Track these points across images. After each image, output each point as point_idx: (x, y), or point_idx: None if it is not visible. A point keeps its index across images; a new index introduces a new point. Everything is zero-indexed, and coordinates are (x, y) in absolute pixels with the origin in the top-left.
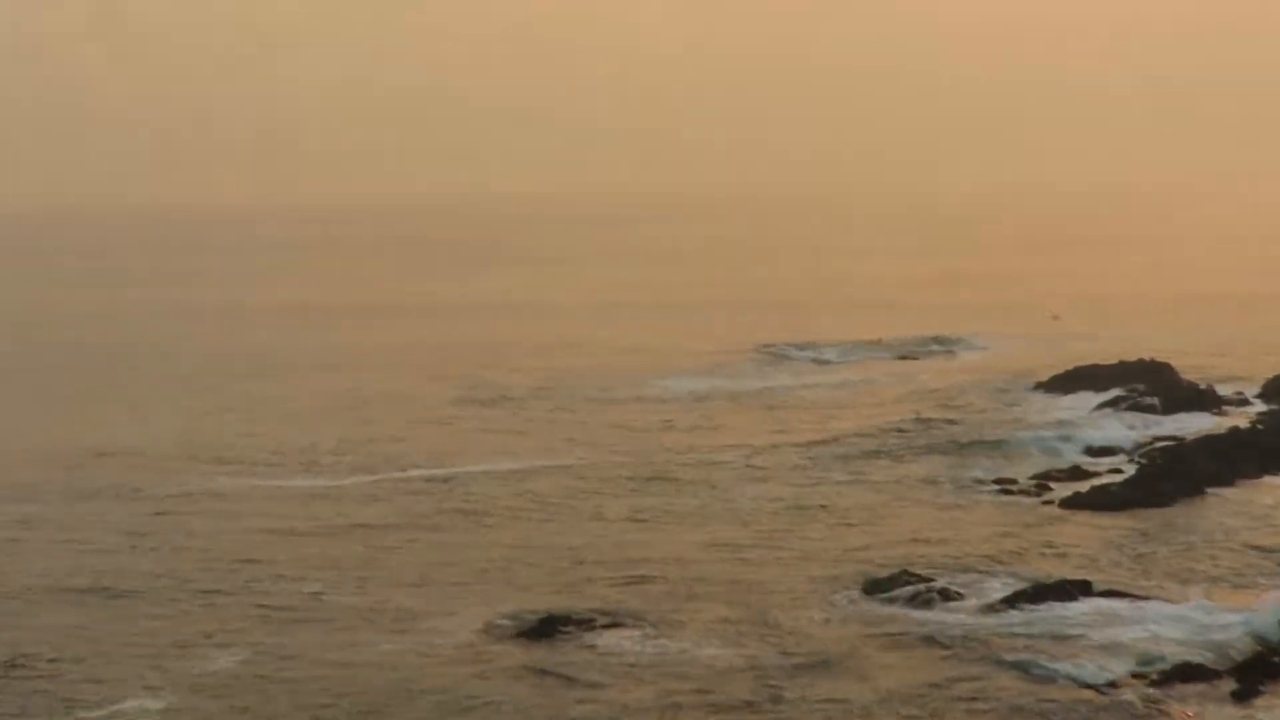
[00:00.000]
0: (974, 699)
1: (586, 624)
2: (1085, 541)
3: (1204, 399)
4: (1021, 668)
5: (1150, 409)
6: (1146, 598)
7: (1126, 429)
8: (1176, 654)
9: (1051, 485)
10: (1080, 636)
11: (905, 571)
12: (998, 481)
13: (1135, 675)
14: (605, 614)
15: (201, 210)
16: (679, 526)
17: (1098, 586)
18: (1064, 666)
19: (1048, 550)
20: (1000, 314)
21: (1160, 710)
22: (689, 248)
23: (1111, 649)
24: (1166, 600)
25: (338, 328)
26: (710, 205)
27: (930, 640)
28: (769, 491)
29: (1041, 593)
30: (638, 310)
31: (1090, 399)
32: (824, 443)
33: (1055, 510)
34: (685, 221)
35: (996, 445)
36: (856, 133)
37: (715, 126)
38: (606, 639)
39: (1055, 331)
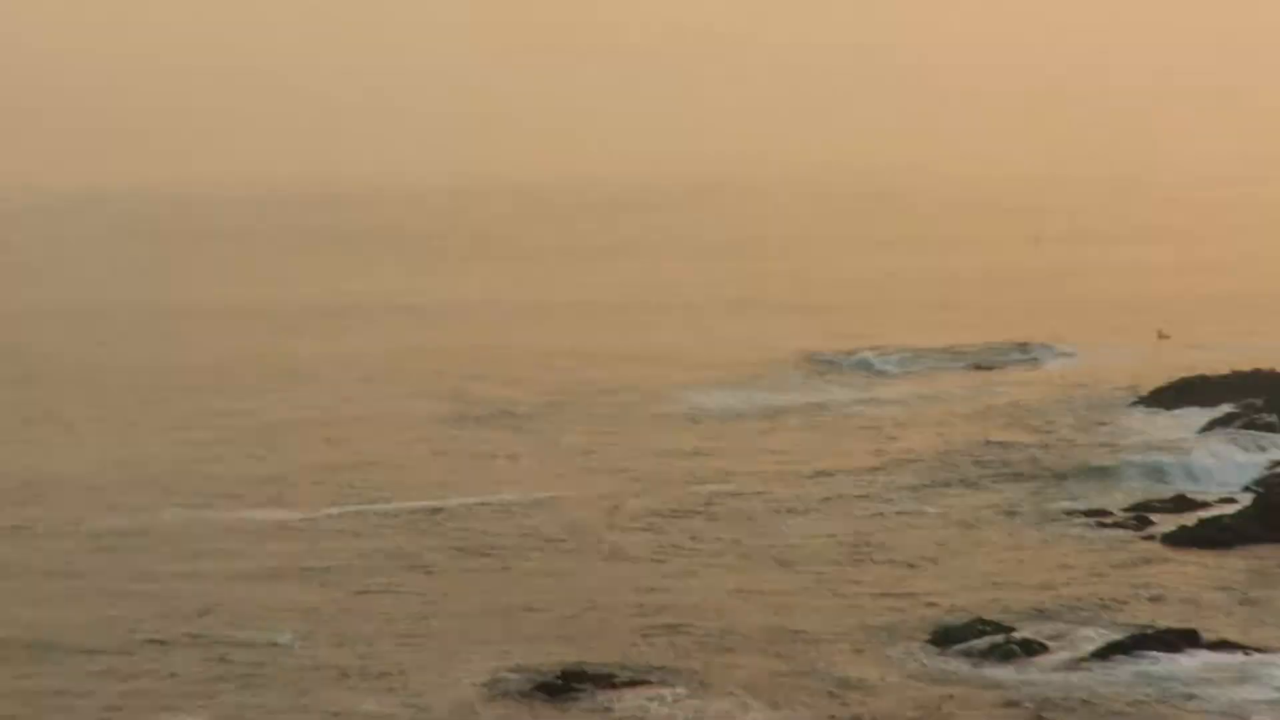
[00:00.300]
0: None
1: (605, 681)
2: (1191, 584)
3: None
4: None
5: (1269, 427)
6: (1264, 650)
7: (1241, 451)
8: None
9: (1152, 518)
10: (1189, 698)
11: (979, 619)
12: (1089, 513)
13: None
14: (627, 669)
15: (102, 192)
16: (711, 567)
17: (1206, 637)
18: None
19: (1148, 594)
20: (1089, 316)
21: None
22: (718, 239)
23: (1228, 714)
24: None
25: (303, 332)
26: (742, 189)
27: (1010, 702)
28: (817, 526)
29: (1140, 644)
30: (659, 312)
31: (1198, 416)
32: (882, 469)
33: (1156, 547)
34: (713, 208)
35: (1087, 471)
36: (910, 112)
37: (749, 102)
38: (628, 699)
39: (1156, 337)
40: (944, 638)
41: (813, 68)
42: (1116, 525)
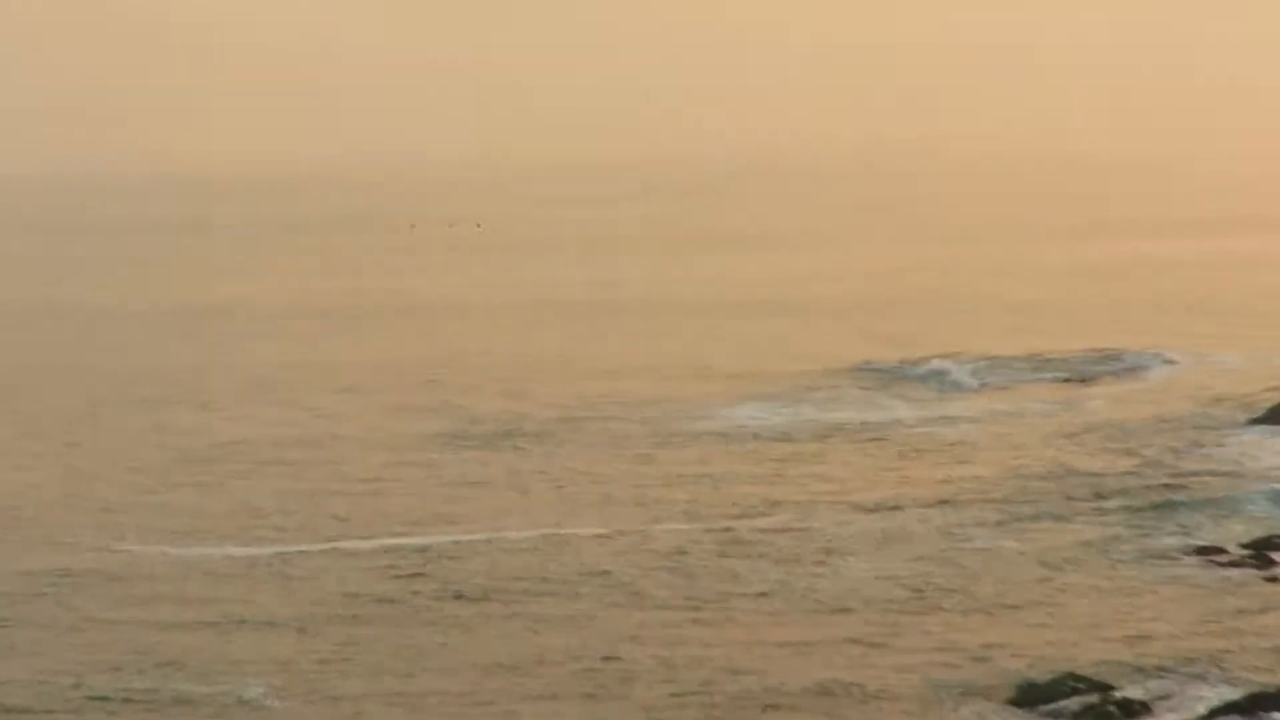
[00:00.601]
0: None
1: None
2: None
3: None
4: None
5: None
6: None
7: None
8: None
9: (1274, 556)
10: None
11: (1070, 675)
12: (1199, 551)
13: None
14: None
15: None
16: (753, 615)
17: None
18: None
19: (1269, 646)
20: (1195, 318)
21: None
22: (751, 228)
23: None
24: None
25: (268, 337)
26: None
27: None
28: (877, 566)
29: (1261, 705)
30: (686, 313)
31: None
32: (954, 499)
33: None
34: (744, 195)
35: (1197, 501)
36: (967, 91)
37: (776, 81)
38: None
39: (1276, 343)
40: (1028, 697)
41: (852, 48)
42: (1232, 565)
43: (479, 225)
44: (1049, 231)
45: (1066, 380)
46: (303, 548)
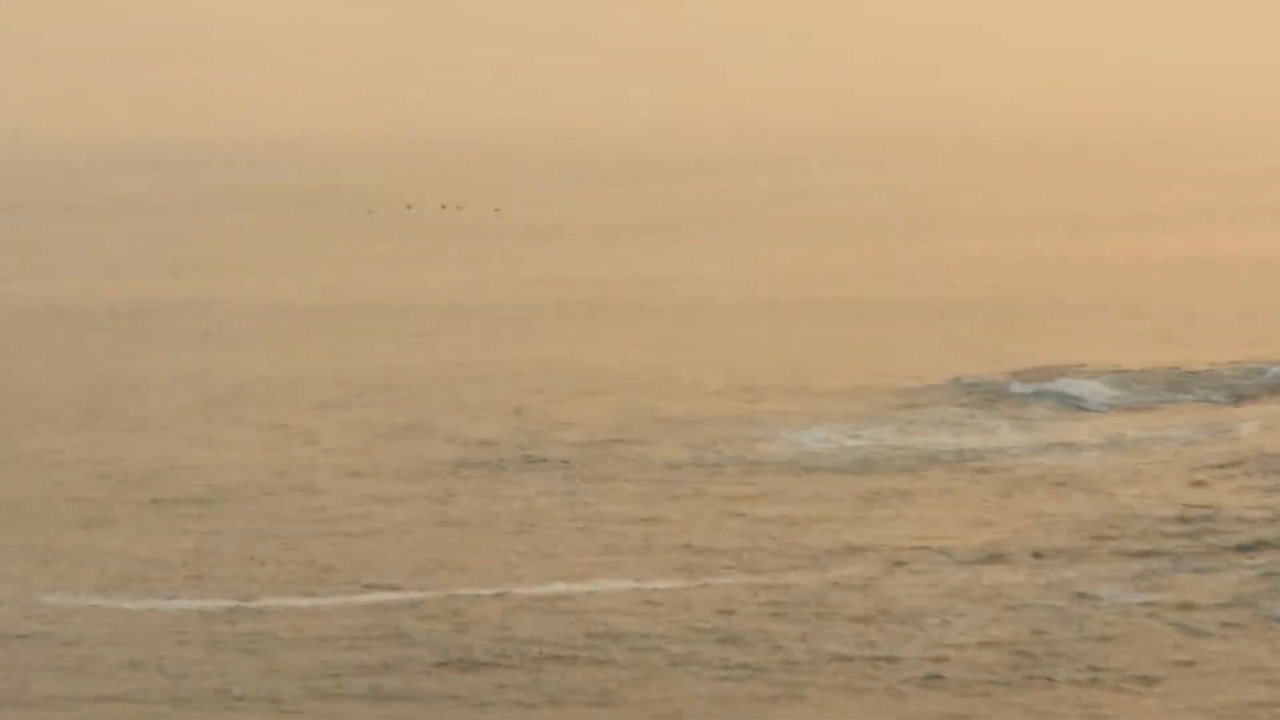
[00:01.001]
0: None
1: None
2: None
3: None
4: None
5: None
6: None
7: None
8: None
9: None
10: None
11: None
12: None
13: None
14: None
15: None
16: (828, 689)
17: None
18: None
19: None
20: None
21: None
22: (812, 213)
23: None
24: None
25: (230, 343)
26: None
27: None
28: (976, 627)
29: None
30: (742, 316)
31: None
32: (1073, 546)
33: None
34: (804, 173)
35: None
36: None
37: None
38: None
39: None
40: None
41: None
42: None
43: (497, 210)
44: (1133, 218)
45: (1211, 400)
46: (273, 601)
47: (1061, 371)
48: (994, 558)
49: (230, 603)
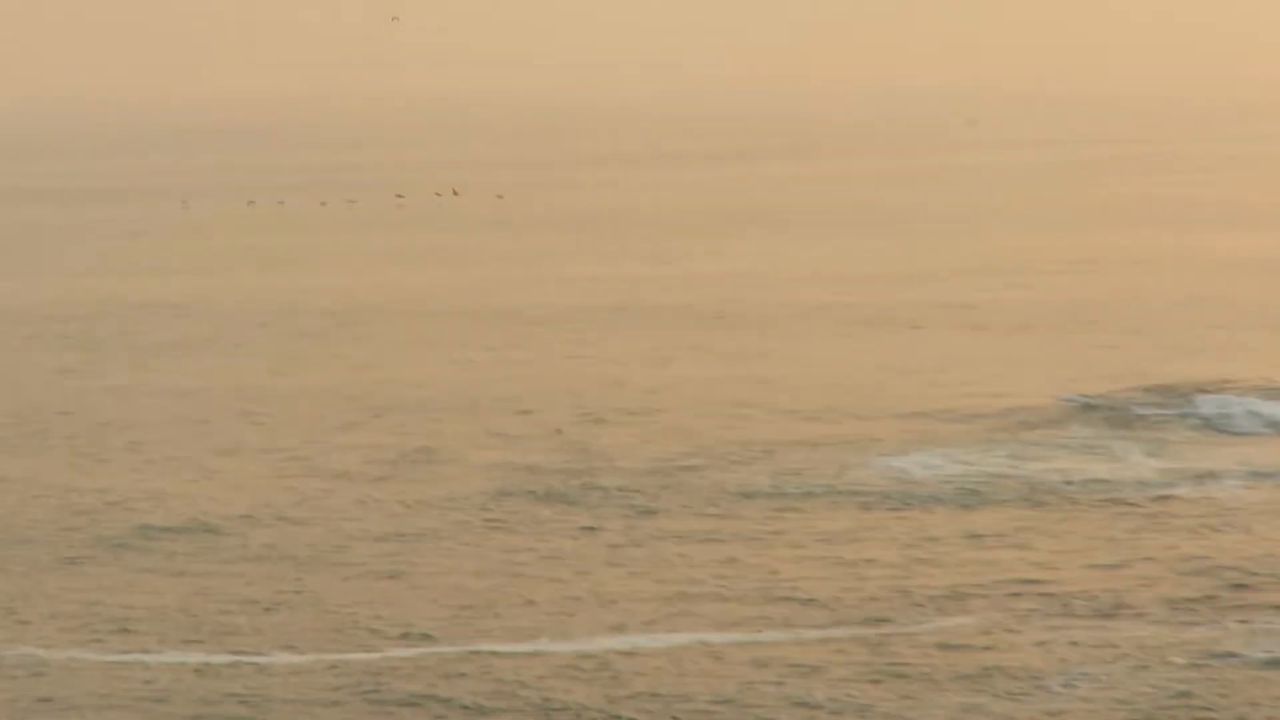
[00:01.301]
0: None
1: None
2: None
3: None
4: None
5: None
6: None
7: None
8: None
9: None
10: None
11: None
12: None
13: None
14: None
15: None
16: None
17: None
18: None
19: None
20: None
21: None
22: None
23: None
24: None
25: (223, 350)
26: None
27: None
28: (1106, 689)
29: None
30: (825, 321)
31: None
32: (1221, 595)
33: None
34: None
35: None
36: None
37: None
38: None
39: None
40: None
41: None
42: None
43: (500, 196)
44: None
45: None
46: (278, 656)
47: (1199, 388)
48: (1122, 607)
49: (227, 657)
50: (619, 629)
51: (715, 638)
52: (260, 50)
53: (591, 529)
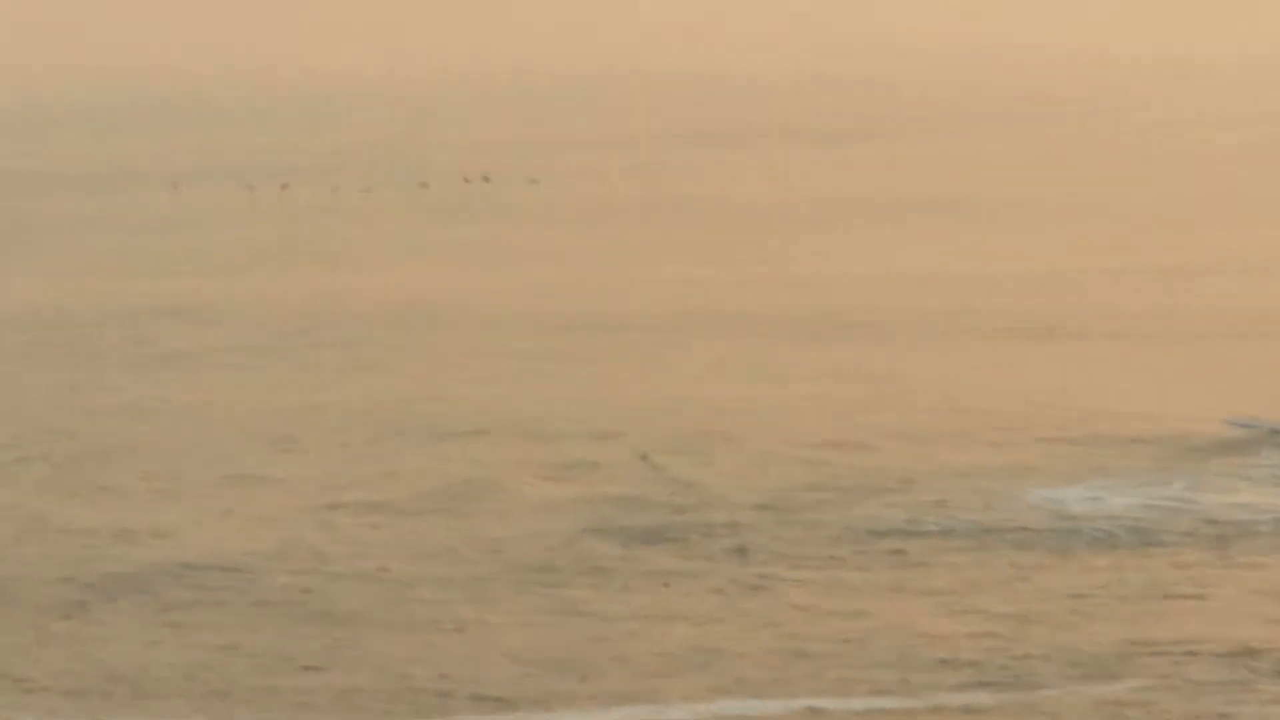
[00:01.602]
0: None
1: None
2: None
3: None
4: None
5: None
6: None
7: None
8: None
9: None
10: None
11: None
12: None
13: None
14: None
15: None
16: None
17: None
18: None
19: None
20: None
21: None
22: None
23: None
24: None
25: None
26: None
27: None
28: None
29: None
30: (966, 333)
31: None
32: None
33: None
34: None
35: None
36: None
37: None
38: None
39: None
40: None
41: None
42: None
43: (535, 180)
44: None
45: None
46: None
47: None
48: None
49: None
50: (724, 692)
51: (836, 704)
52: (257, 16)
53: (691, 574)
